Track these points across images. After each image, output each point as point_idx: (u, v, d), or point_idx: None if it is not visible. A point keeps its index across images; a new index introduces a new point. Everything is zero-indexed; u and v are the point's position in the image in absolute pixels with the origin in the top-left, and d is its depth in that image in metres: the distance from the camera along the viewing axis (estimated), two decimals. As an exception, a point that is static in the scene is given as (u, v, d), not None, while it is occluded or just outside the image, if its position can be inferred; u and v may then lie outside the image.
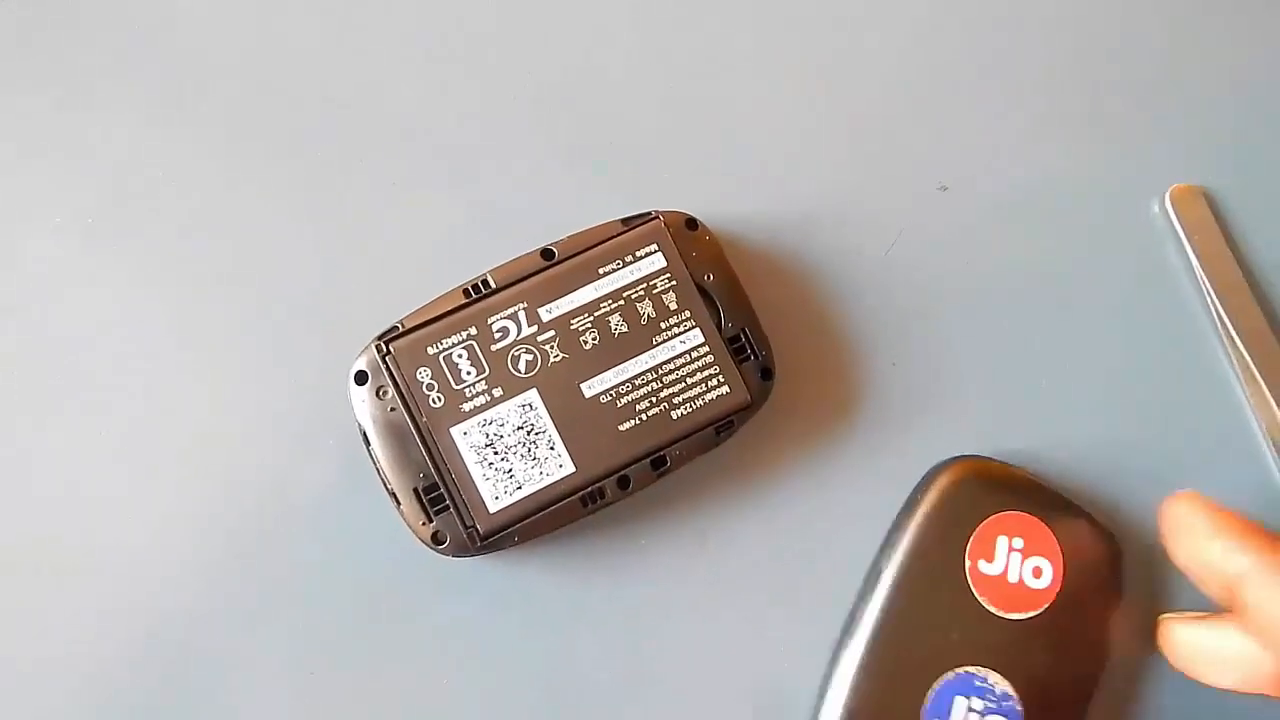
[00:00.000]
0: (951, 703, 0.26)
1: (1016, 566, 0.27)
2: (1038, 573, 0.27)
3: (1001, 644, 0.27)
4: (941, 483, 0.28)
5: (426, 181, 0.31)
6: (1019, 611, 0.27)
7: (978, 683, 0.26)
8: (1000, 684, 0.26)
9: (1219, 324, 0.31)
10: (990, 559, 0.27)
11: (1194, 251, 0.32)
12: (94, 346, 0.30)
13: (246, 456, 0.30)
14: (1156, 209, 0.32)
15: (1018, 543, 0.27)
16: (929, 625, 0.27)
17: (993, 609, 0.27)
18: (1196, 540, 0.25)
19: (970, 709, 0.26)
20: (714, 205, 0.31)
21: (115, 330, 0.30)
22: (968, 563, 0.27)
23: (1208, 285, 0.31)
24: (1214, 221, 0.32)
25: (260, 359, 0.30)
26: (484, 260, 0.29)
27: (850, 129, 0.33)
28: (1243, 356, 0.31)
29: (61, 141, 0.31)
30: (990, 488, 0.28)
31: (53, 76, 0.31)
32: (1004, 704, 0.26)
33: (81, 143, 0.31)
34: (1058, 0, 0.34)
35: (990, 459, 0.29)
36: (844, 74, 0.33)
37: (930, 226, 0.32)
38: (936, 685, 0.26)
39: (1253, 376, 0.31)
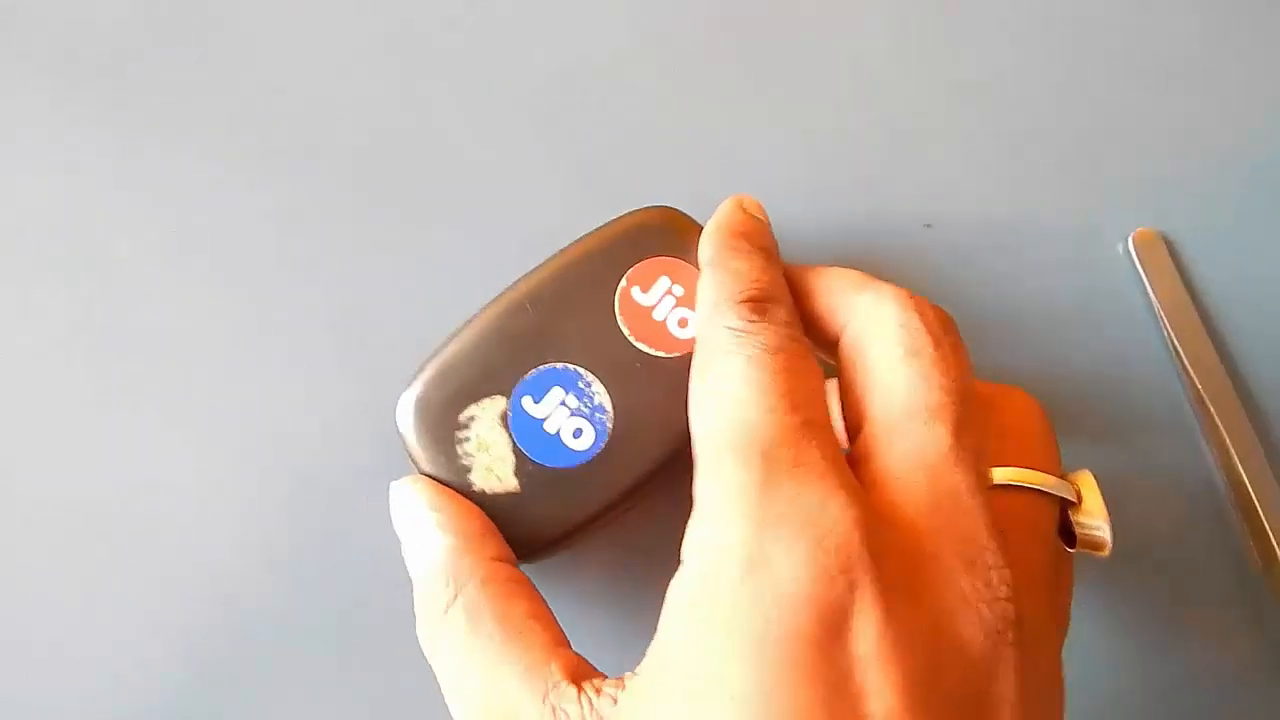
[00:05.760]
0: (549, 389, 0.26)
1: (666, 309, 0.27)
2: (684, 324, 0.27)
3: (618, 361, 0.27)
4: (638, 217, 0.28)
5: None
6: (648, 344, 0.27)
7: (580, 384, 0.26)
8: (601, 396, 0.26)
9: (1174, 356, 0.34)
10: (645, 290, 0.27)
11: (1153, 290, 0.35)
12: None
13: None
14: (1121, 250, 0.36)
15: (678, 290, 0.27)
16: (559, 312, 0.27)
17: (625, 329, 0.27)
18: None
19: (563, 402, 0.26)
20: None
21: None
22: (623, 283, 0.27)
23: (1165, 320, 0.34)
24: (1171, 263, 0.35)
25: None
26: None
27: (846, 162, 0.36)
28: (1195, 387, 0.34)
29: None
30: (672, 234, 0.28)
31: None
32: (596, 415, 0.26)
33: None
34: (1043, 56, 0.37)
35: (686, 216, 0.29)
36: (850, 105, 0.36)
37: (915, 259, 0.35)
38: (542, 366, 0.26)
39: (1204, 405, 0.34)
